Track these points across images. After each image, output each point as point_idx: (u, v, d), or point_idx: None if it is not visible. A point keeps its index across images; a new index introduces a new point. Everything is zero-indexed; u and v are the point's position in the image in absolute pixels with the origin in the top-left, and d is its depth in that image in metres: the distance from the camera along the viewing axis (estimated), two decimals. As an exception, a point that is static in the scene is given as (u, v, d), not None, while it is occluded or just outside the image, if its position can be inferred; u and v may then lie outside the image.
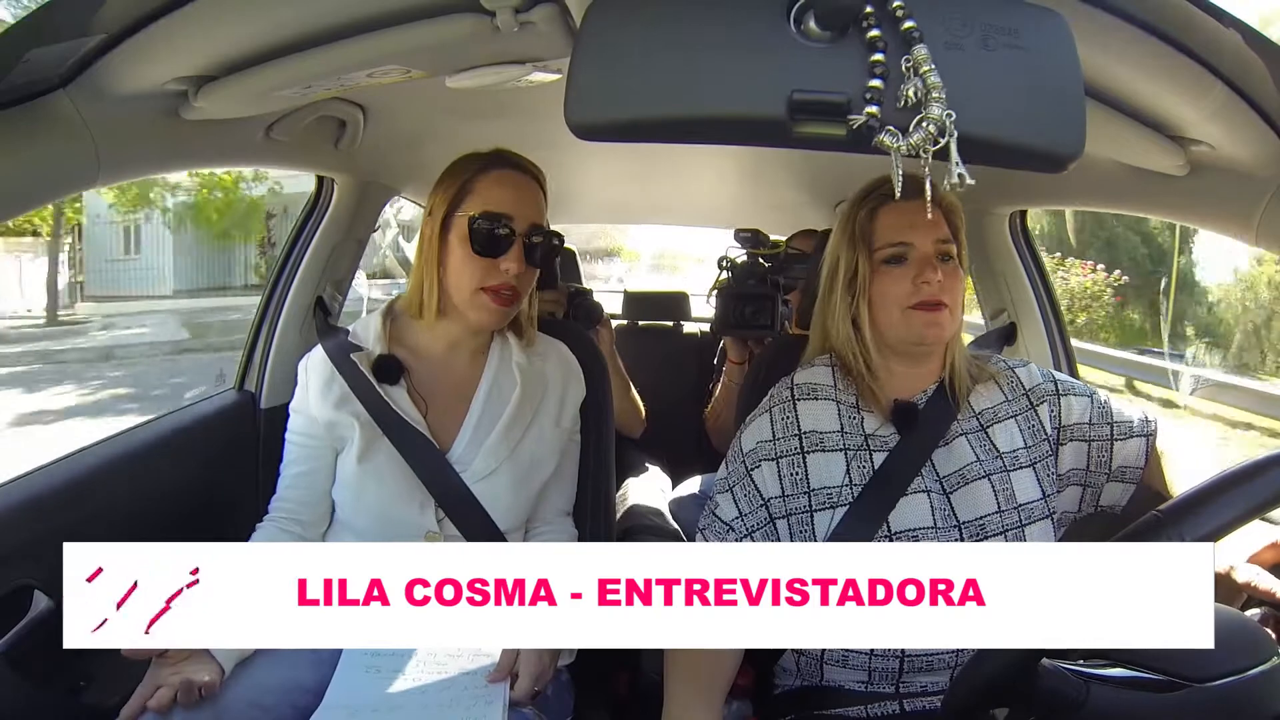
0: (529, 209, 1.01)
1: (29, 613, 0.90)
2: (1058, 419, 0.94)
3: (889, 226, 0.91)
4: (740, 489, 0.93)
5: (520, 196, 1.01)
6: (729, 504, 0.94)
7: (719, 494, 0.96)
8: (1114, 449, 0.94)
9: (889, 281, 0.91)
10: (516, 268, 0.99)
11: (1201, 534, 0.54)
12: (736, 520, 0.92)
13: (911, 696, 0.87)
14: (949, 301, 0.89)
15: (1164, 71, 0.70)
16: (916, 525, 0.87)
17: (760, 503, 0.92)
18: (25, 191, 0.71)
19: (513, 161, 1.04)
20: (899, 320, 0.90)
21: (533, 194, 1.03)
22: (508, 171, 1.02)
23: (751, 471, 0.93)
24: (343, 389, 1.01)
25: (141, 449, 1.13)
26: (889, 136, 0.45)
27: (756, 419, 0.96)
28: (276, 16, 0.74)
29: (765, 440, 0.94)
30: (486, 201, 0.99)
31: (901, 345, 0.92)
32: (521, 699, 0.86)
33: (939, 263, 0.90)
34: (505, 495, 1.01)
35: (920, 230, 0.90)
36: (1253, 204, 0.82)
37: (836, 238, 0.96)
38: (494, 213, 0.99)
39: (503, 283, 0.99)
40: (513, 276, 0.99)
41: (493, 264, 0.99)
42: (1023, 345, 1.47)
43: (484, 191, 1.00)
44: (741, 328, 1.67)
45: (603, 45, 0.48)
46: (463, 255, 0.99)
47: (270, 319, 1.36)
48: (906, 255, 0.90)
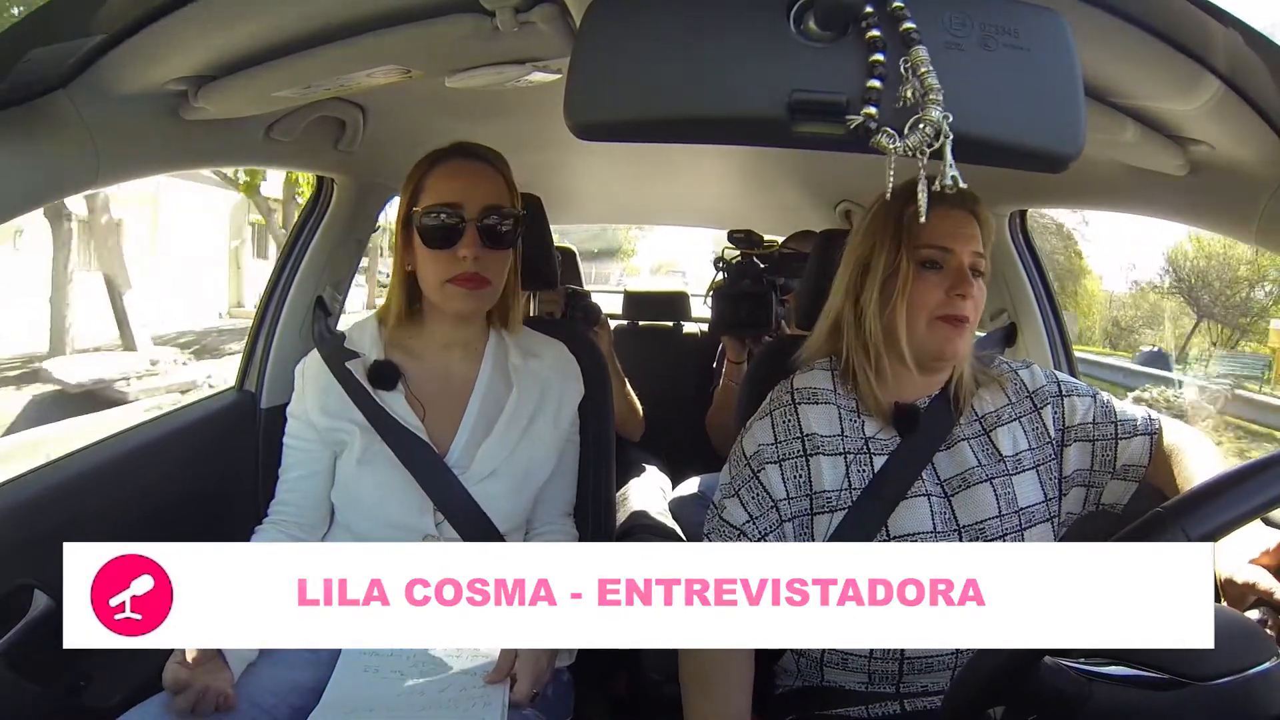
0: (480, 192, 1.00)
1: (29, 613, 0.90)
2: (1061, 420, 0.94)
3: (934, 229, 0.87)
4: (747, 491, 0.92)
5: (469, 182, 1.00)
6: (737, 508, 0.92)
7: (725, 499, 0.93)
8: (1118, 448, 0.93)
9: (925, 287, 0.88)
10: (472, 253, 0.98)
11: (1204, 531, 0.54)
12: (748, 524, 0.90)
13: (912, 696, 0.87)
14: (972, 318, 0.88)
15: (1163, 71, 0.70)
16: (916, 529, 0.87)
17: (770, 504, 0.90)
18: (25, 191, 0.71)
19: (463, 150, 1.03)
20: (924, 330, 0.88)
21: (485, 177, 1.01)
22: (455, 161, 1.01)
23: (758, 474, 0.91)
24: (340, 395, 1.01)
25: (141, 449, 1.13)
26: (885, 137, 0.45)
27: (757, 422, 0.95)
28: (276, 16, 0.74)
29: (768, 443, 0.92)
30: (435, 195, 0.99)
31: (920, 356, 0.89)
32: (521, 701, 0.86)
33: (971, 276, 0.88)
34: (504, 497, 1.01)
35: (961, 239, 0.88)
36: (1253, 204, 0.82)
37: (871, 233, 0.91)
38: (441, 204, 0.98)
39: (463, 271, 0.98)
40: (472, 262, 0.98)
41: (450, 255, 0.98)
42: (1023, 345, 1.47)
43: (433, 186, 1.00)
44: (738, 327, 1.67)
45: (602, 45, 0.48)
46: (423, 251, 0.99)
47: (270, 319, 1.36)
48: (944, 262, 0.88)
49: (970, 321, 0.88)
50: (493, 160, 1.03)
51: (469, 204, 0.98)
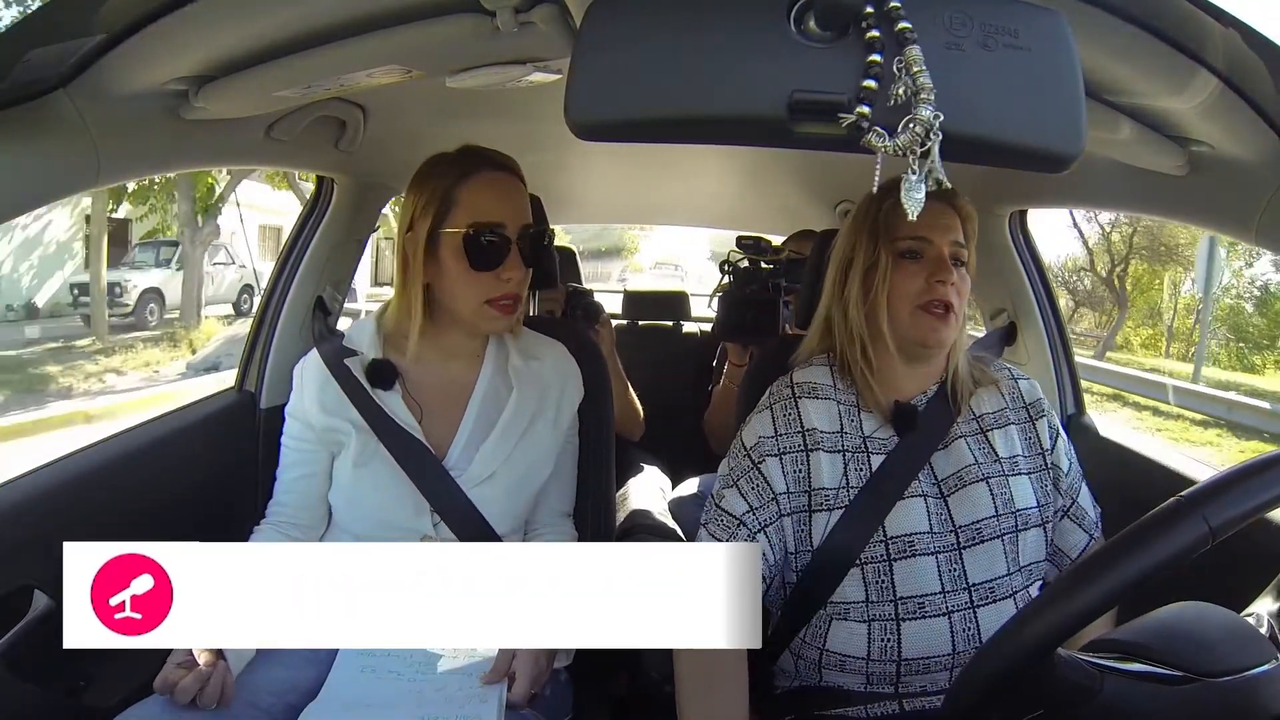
0: (518, 210, 0.99)
1: (29, 613, 0.90)
2: (1052, 441, 0.96)
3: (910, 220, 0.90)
4: (747, 482, 0.91)
5: (509, 200, 0.98)
6: (736, 498, 0.91)
7: (724, 488, 0.93)
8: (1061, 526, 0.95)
9: (904, 276, 0.90)
10: (517, 275, 0.97)
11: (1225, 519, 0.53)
12: (748, 515, 0.90)
13: (911, 696, 0.87)
14: (956, 306, 0.89)
15: (1163, 71, 0.70)
16: (912, 530, 0.87)
17: (770, 496, 0.90)
18: (25, 192, 0.71)
19: (491, 160, 1.00)
20: (907, 319, 0.90)
21: (518, 192, 1.00)
22: (489, 174, 0.98)
23: (758, 465, 0.91)
24: (338, 394, 1.00)
25: (141, 449, 1.13)
26: (876, 136, 0.45)
27: (757, 415, 0.95)
28: (276, 16, 0.74)
29: (768, 436, 0.92)
30: (475, 212, 0.96)
31: (906, 345, 0.91)
32: (519, 702, 0.86)
33: (951, 265, 0.90)
34: (502, 500, 1.01)
35: (939, 229, 0.90)
36: (1253, 204, 0.82)
37: (852, 231, 0.95)
38: (486, 223, 0.95)
39: (506, 293, 0.97)
40: (515, 284, 0.98)
41: (493, 276, 0.96)
42: (1023, 346, 1.47)
43: (469, 201, 0.96)
44: (744, 333, 1.67)
45: (603, 45, 0.48)
46: (460, 270, 0.96)
47: (270, 319, 1.36)
48: (923, 252, 0.90)
49: (954, 309, 0.89)
50: (517, 171, 1.02)
51: (510, 223, 0.97)
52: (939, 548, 0.87)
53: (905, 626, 0.86)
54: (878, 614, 0.86)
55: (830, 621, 0.88)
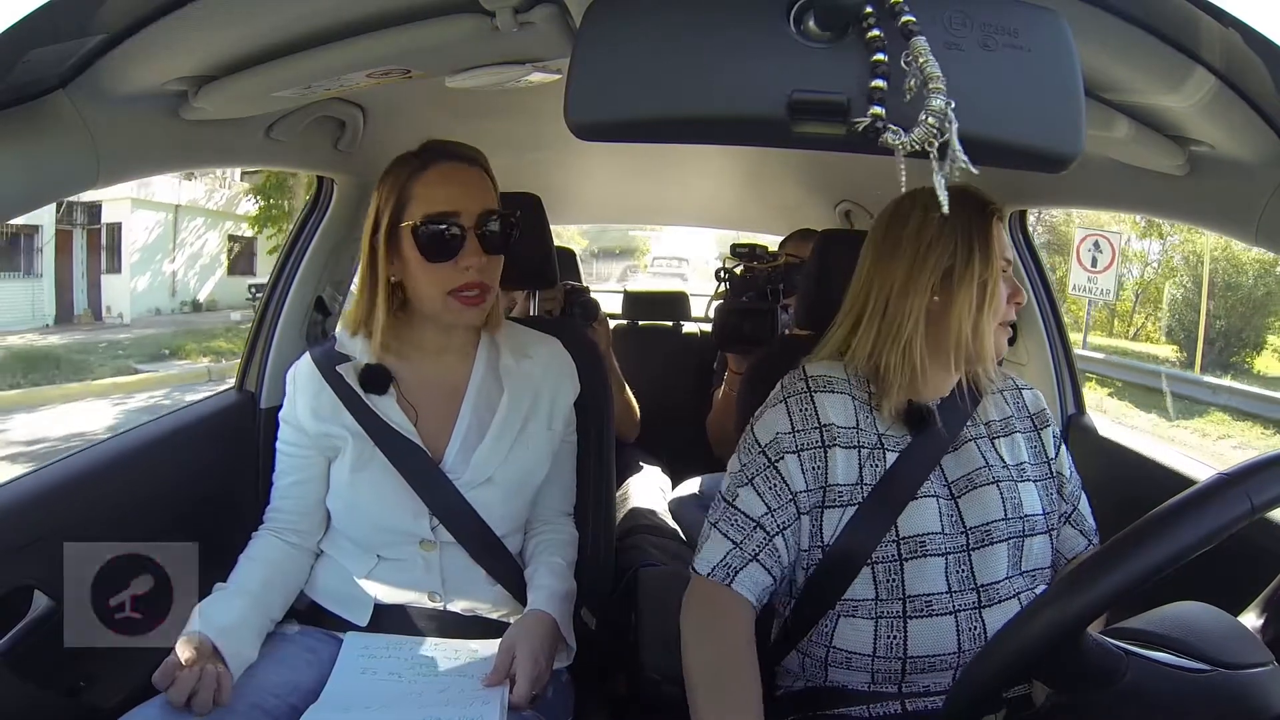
0: (475, 198, 0.97)
1: (29, 613, 0.90)
2: (1056, 450, 0.97)
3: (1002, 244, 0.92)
4: (764, 481, 0.88)
5: (464, 189, 0.96)
6: (753, 498, 0.88)
7: (738, 486, 0.90)
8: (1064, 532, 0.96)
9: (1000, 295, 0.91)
10: (476, 263, 0.96)
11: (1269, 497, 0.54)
12: (766, 517, 0.87)
13: (914, 696, 0.87)
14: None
15: (1163, 71, 0.70)
16: (925, 530, 0.87)
17: (789, 496, 0.88)
18: (25, 192, 0.71)
19: (447, 151, 0.98)
20: (991, 334, 0.91)
21: (476, 180, 0.98)
22: (443, 165, 0.97)
23: (775, 463, 0.89)
24: (332, 400, 0.99)
25: (141, 449, 1.13)
26: (891, 134, 0.45)
27: (770, 409, 0.93)
28: (276, 16, 0.74)
29: (785, 431, 0.90)
30: (429, 203, 0.95)
31: (975, 357, 0.91)
32: (521, 703, 0.86)
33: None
34: (500, 501, 1.00)
35: (1008, 250, 0.93)
36: (1253, 204, 0.82)
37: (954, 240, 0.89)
38: (439, 213, 0.94)
39: (467, 282, 0.96)
40: (476, 272, 0.96)
41: (451, 266, 0.95)
42: (1022, 346, 1.47)
43: (423, 194, 0.95)
44: (741, 343, 1.66)
45: (602, 45, 0.48)
46: (419, 264, 0.95)
47: (270, 319, 1.36)
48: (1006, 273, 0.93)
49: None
50: (477, 159, 1.00)
51: (466, 212, 0.95)
52: (949, 549, 0.87)
53: (911, 624, 0.85)
54: (885, 611, 0.86)
55: (838, 619, 0.88)
